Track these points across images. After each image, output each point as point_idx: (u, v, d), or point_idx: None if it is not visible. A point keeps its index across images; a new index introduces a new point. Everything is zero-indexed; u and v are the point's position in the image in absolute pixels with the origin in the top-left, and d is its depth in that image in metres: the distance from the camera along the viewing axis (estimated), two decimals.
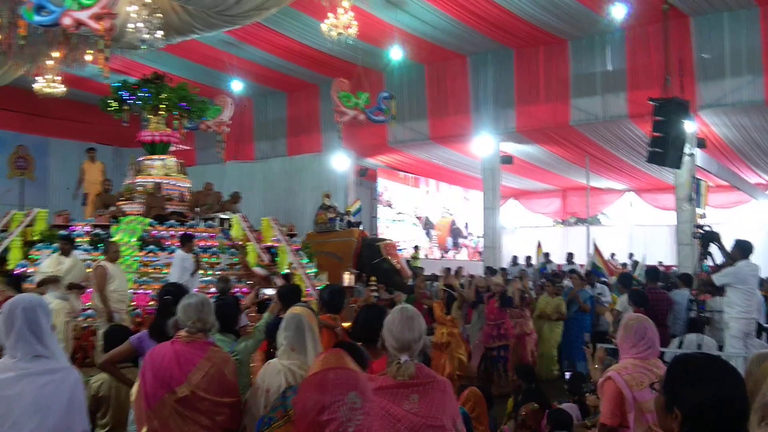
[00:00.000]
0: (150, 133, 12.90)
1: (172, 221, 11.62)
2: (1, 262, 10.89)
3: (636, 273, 12.67)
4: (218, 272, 10.91)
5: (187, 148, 16.99)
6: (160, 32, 9.36)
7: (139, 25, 9.00)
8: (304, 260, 12.27)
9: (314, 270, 12.48)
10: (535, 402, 5.33)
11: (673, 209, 13.76)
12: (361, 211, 16.98)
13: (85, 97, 16.40)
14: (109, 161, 19.89)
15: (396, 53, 12.77)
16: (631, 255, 17.38)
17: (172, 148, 13.47)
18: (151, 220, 11.36)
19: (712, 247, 7.51)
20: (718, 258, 7.47)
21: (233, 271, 11.23)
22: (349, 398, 2.27)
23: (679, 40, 12.50)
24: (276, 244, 12.08)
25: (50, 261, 8.01)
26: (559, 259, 16.80)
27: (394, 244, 14.49)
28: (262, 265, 8.40)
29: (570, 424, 4.72)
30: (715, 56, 12.51)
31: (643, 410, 3.31)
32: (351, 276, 12.13)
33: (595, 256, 12.49)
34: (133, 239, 10.57)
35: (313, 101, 17.72)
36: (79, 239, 10.46)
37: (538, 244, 13.81)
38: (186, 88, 12.96)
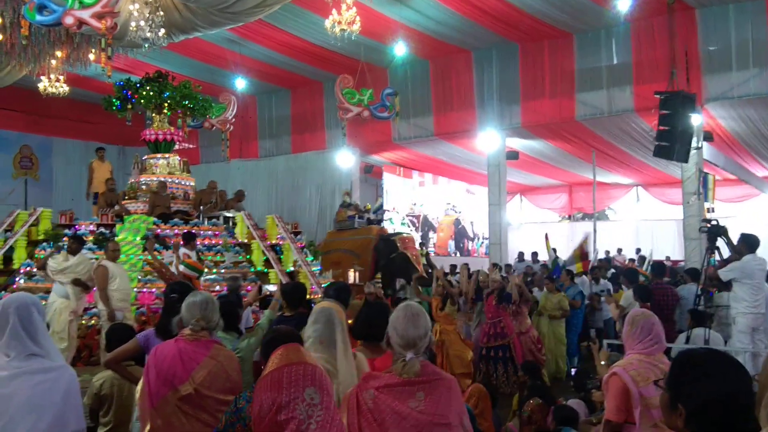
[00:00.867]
0: (154, 131, 12.90)
1: (176, 220, 11.61)
2: (6, 261, 10.93)
3: (643, 268, 12.61)
4: (222, 270, 10.91)
5: (191, 146, 17.02)
6: (162, 30, 9.34)
7: (141, 23, 8.99)
8: (309, 258, 12.26)
9: (319, 267, 12.48)
10: (540, 398, 5.29)
11: (680, 203, 13.67)
12: (382, 209, 16.83)
13: (88, 96, 16.41)
14: (114, 160, 19.95)
15: (400, 49, 12.72)
16: (638, 250, 17.30)
17: (176, 147, 13.48)
18: (156, 219, 11.36)
19: (720, 242, 7.44)
20: (726, 252, 7.41)
21: (238, 269, 11.23)
22: (306, 394, 2.21)
23: (684, 33, 12.40)
24: (280, 242, 12.07)
25: (58, 258, 7.99)
26: (565, 254, 16.73)
27: (411, 237, 14.34)
28: (190, 265, 8.11)
29: (575, 420, 4.68)
30: (722, 49, 12.40)
31: (649, 406, 3.28)
32: (356, 273, 12.11)
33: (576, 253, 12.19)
34: (138, 238, 10.56)
35: (317, 98, 17.69)
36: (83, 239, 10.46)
37: (545, 237, 13.69)
38: (189, 86, 12.94)
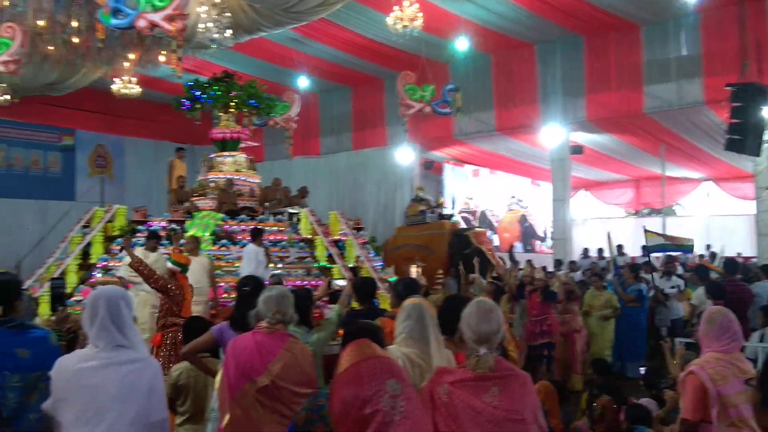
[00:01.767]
0: (221, 130, 13.25)
1: (242, 216, 11.89)
2: (84, 256, 11.42)
3: (714, 264, 12.19)
4: (287, 265, 11.13)
5: (255, 144, 17.35)
6: (229, 31, 9.58)
7: (209, 25, 9.23)
8: (371, 253, 12.37)
9: (381, 263, 12.57)
10: (611, 396, 5.20)
11: (752, 198, 13.17)
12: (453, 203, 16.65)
13: (158, 97, 16.94)
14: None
15: (461, 44, 12.66)
16: (708, 246, 16.71)
17: (242, 145, 13.80)
18: (223, 215, 11.67)
19: None
20: None
21: (302, 264, 11.43)
22: (389, 386, 2.24)
23: (755, 23, 11.90)
24: (343, 238, 12.22)
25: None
26: (633, 251, 16.35)
27: (484, 232, 14.16)
28: (173, 259, 8.16)
29: (649, 419, 4.59)
30: None
31: (727, 405, 3.22)
32: (418, 269, 12.14)
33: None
34: (207, 234, 10.87)
35: (377, 95, 17.77)
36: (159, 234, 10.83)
37: (607, 235, 13.30)
38: (255, 85, 13.23)
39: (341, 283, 10.00)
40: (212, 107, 13.18)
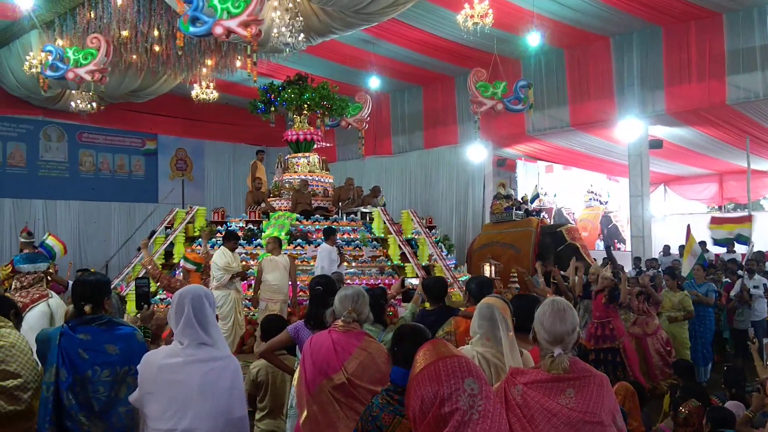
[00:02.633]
0: (295, 132, 13.52)
1: (317, 216, 12.10)
2: (167, 256, 11.89)
3: None
4: (360, 264, 11.26)
5: (328, 145, 17.61)
6: (301, 35, 9.76)
7: (283, 29, 9.42)
8: (444, 252, 12.35)
9: (454, 261, 12.53)
10: (698, 400, 5.02)
11: None
12: (538, 197, 16.32)
13: (235, 101, 17.43)
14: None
15: (534, 39, 12.42)
16: None
17: (315, 146, 14.03)
18: (298, 215, 11.90)
19: None
20: None
21: (376, 263, 11.54)
22: (466, 385, 2.23)
23: None
24: (416, 237, 12.25)
25: (225, 256, 8.54)
26: (716, 247, 15.71)
27: (576, 227, 13.72)
28: (189, 259, 8.16)
29: (732, 423, 4.41)
30: None
31: None
32: (491, 267, 12.03)
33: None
34: (282, 233, 11.11)
35: (448, 93, 17.70)
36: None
37: (687, 230, 12.55)
38: (327, 87, 13.43)
39: (414, 281, 10.03)
40: (286, 110, 13.47)
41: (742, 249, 14.87)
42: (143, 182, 19.12)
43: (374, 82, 15.88)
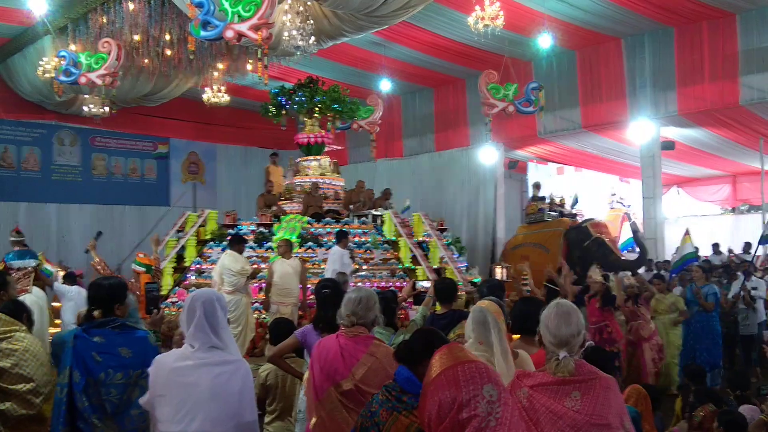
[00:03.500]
0: (306, 135, 13.55)
1: (328, 219, 12.11)
2: (178, 259, 11.94)
3: None
4: (371, 267, 11.26)
5: (340, 147, 17.62)
6: (312, 38, 9.79)
7: (294, 32, 9.47)
8: (455, 254, 12.33)
9: (465, 264, 12.50)
10: (714, 404, 4.98)
11: None
12: (577, 202, 16.15)
13: (246, 104, 17.48)
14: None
15: (545, 41, 12.38)
16: None
17: (327, 149, 14.05)
18: (309, 218, 11.92)
19: None
20: None
21: (387, 266, 11.53)
22: (485, 391, 2.21)
23: None
24: (427, 239, 12.23)
25: (236, 261, 8.59)
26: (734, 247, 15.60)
27: (603, 222, 13.49)
28: (140, 262, 8.07)
29: (744, 427, 4.37)
30: None
31: None
32: (503, 270, 12.00)
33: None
34: (294, 236, 11.13)
35: (459, 95, 17.67)
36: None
37: (686, 233, 12.16)
38: (338, 90, 13.47)
39: (426, 284, 10.02)
40: (297, 113, 13.50)
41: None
42: (155, 186, 19.19)
43: (385, 85, 15.89)
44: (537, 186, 15.11)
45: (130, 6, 10.29)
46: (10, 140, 16.55)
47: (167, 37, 11.01)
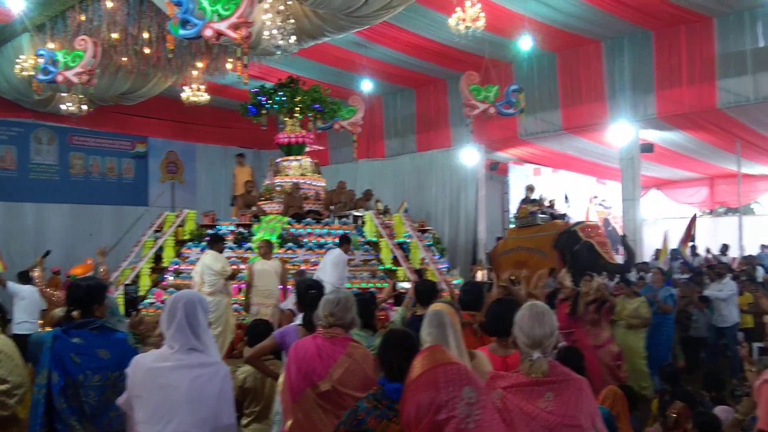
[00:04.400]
0: (286, 135, 13.49)
1: (308, 219, 12.07)
2: (156, 260, 11.82)
3: None
4: (352, 268, 11.21)
5: (321, 148, 17.57)
6: (293, 37, 9.73)
7: (274, 32, 9.39)
8: (437, 255, 12.34)
9: (447, 265, 12.52)
10: (686, 402, 5.03)
11: None
12: (568, 201, 16.11)
13: (226, 103, 17.38)
14: (249, 163, 21.00)
15: (525, 43, 12.44)
16: None
17: (308, 149, 14.00)
18: (290, 219, 11.87)
19: None
20: None
21: (367, 267, 11.51)
22: (464, 393, 2.22)
23: None
24: (408, 240, 12.23)
25: (217, 260, 8.54)
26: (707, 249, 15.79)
27: (595, 225, 13.42)
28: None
29: (719, 427, 4.42)
30: None
31: None
32: (483, 272, 12.03)
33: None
34: (273, 237, 11.08)
35: (441, 96, 17.70)
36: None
37: (664, 237, 12.17)
38: (319, 90, 13.42)
39: (406, 285, 10.01)
40: (277, 112, 13.45)
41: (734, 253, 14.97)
42: (133, 185, 19.02)
43: (366, 85, 15.87)
44: (530, 189, 15.10)
45: (109, 4, 10.18)
46: None
47: (146, 35, 10.90)
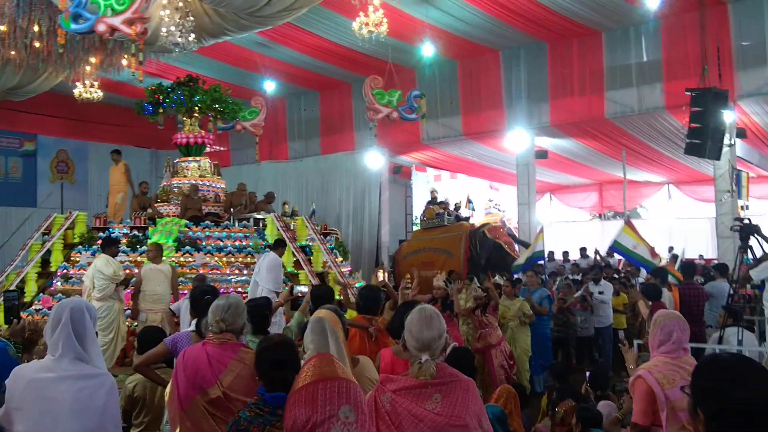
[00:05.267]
0: (185, 135, 13.11)
1: (207, 222, 11.78)
2: (44, 264, 11.19)
3: (675, 267, 12.36)
4: (252, 272, 11.03)
5: (222, 149, 17.21)
6: (192, 35, 9.48)
7: (172, 28, 9.12)
8: (339, 258, 12.33)
9: (348, 269, 12.54)
10: (574, 400, 5.26)
11: (713, 201, 13.41)
12: (472, 204, 16.37)
13: (121, 101, 16.73)
14: (146, 164, 20.28)
15: (428, 50, 12.70)
16: (670, 248, 17.03)
17: (208, 150, 13.65)
18: (187, 222, 11.53)
19: (753, 240, 7.29)
20: (759, 251, 7.27)
21: None
22: (342, 413, 2.23)
23: (716, 29, 12.15)
24: (311, 243, 12.17)
25: (109, 264, 8.18)
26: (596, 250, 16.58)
27: (498, 226, 13.85)
28: None
29: (599, 421, 4.66)
30: (755, 44, 12.12)
31: (676, 409, 3.24)
32: (385, 273, 12.14)
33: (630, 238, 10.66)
34: (170, 241, 10.74)
35: (345, 100, 17.77)
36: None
37: (539, 231, 12.71)
38: (219, 89, 13.13)
39: (304, 289, 9.95)
40: (176, 112, 13.04)
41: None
42: (21, 185, 18.02)
43: (269, 86, 15.67)
44: (434, 192, 15.44)
45: None
46: None
47: (36, 28, 10.31)
